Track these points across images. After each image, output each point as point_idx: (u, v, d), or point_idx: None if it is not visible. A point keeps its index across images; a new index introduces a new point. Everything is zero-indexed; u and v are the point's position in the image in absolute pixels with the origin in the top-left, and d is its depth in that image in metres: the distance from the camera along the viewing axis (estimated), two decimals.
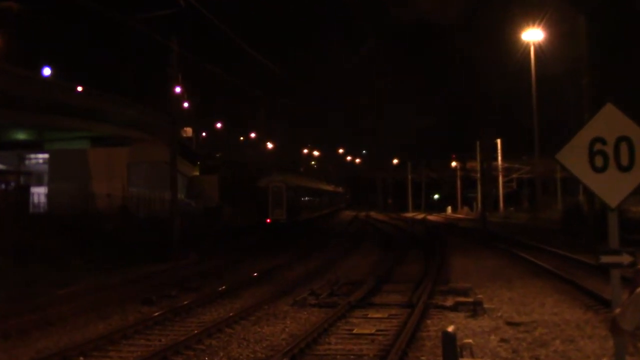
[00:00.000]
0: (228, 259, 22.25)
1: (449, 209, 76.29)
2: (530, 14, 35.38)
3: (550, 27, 35.36)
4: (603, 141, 5.09)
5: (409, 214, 73.12)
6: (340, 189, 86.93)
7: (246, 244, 29.09)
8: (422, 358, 8.40)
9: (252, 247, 28.02)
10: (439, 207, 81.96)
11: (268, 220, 35.13)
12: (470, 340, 7.79)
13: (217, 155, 74.51)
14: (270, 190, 35.84)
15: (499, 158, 62.38)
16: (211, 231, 30.74)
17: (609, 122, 5.11)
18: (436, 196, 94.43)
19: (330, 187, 71.91)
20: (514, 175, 63.75)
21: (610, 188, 5.12)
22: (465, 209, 70.52)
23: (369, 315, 11.26)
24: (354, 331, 10.08)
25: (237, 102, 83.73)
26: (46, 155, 45.22)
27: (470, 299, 11.85)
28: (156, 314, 11.42)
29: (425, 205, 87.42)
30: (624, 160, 5.07)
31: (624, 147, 5.06)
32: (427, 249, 23.80)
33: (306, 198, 43.78)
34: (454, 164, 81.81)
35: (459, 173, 78.39)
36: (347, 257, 22.51)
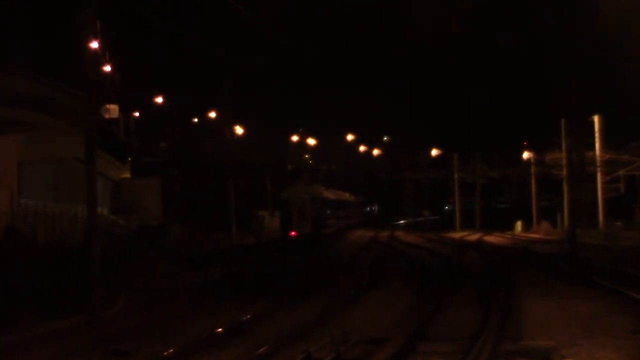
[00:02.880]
0: (178, 306, 22.16)
1: (519, 225, 76.26)
2: None
3: None
4: None
5: (456, 234, 73.02)
6: (353, 197, 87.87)
7: (208, 281, 29.02)
8: None
9: (217, 284, 27.98)
10: (504, 222, 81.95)
11: (293, 234, 50.92)
12: None
13: (159, 147, 74.45)
14: (293, 203, 52.67)
15: (597, 145, 62.20)
16: (151, 263, 30.72)
17: None
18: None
19: (346, 196, 78.63)
20: (621, 172, 63.56)
21: None
22: (544, 224, 70.46)
23: None
24: None
25: (189, 67, 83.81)
26: None
27: None
28: None
29: (481, 221, 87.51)
30: None
31: None
32: (485, 287, 23.82)
33: (328, 211, 59.87)
34: (525, 155, 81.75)
35: (533, 170, 78.29)
36: (362, 300, 22.54)
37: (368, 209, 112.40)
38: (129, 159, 60.66)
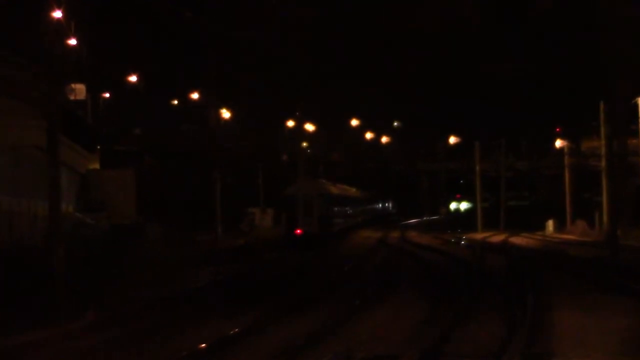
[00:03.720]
0: (156, 318, 22.22)
1: (550, 224, 76.34)
2: None
3: None
4: None
5: (478, 235, 73.15)
6: (360, 193, 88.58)
7: (190, 289, 29.09)
8: None
9: (202, 293, 28.09)
10: (532, 221, 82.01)
11: (298, 232, 55.27)
12: None
13: (133, 133, 74.47)
14: (299, 199, 56.37)
15: None
16: (125, 268, 30.80)
17: None
18: (463, 205, 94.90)
19: (353, 192, 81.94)
20: None
21: None
22: (580, 224, 70.53)
23: None
24: None
25: (166, 41, 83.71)
26: None
27: None
28: None
29: (505, 220, 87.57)
30: None
31: None
32: (509, 297, 23.93)
33: (336, 209, 64.27)
34: (558, 143, 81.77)
35: (567, 160, 78.35)
36: (369, 311, 22.65)
37: (380, 205, 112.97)
38: (98, 147, 60.68)
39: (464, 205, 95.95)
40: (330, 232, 59.36)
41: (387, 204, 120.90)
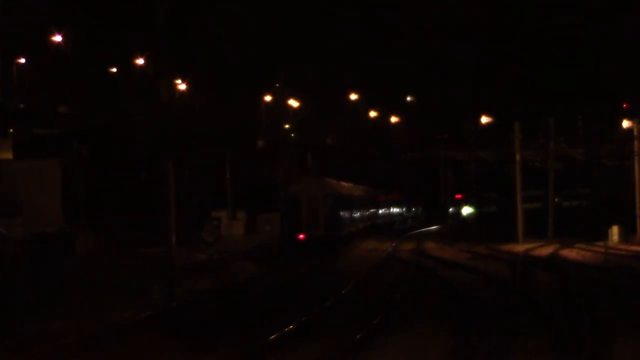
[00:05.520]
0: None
1: (615, 232, 76.42)
2: None
3: None
4: None
5: (519, 246, 73.33)
6: (371, 193, 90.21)
7: (127, 323, 29.03)
8: None
9: (143, 328, 28.05)
10: (592, 229, 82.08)
11: (301, 237, 62.05)
12: None
13: (58, 112, 74.34)
14: (302, 200, 63.07)
15: None
16: (46, 292, 30.74)
17: None
18: (466, 210, 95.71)
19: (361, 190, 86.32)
20: None
21: None
22: None
23: None
24: None
25: None
26: None
27: None
28: None
29: (553, 225, 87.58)
30: None
31: None
32: (562, 330, 24.00)
33: (342, 213, 70.36)
34: (625, 124, 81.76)
35: (637, 146, 78.36)
36: (376, 349, 22.70)
37: (404, 209, 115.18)
38: (10, 130, 60.63)
39: (466, 210, 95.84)
40: (337, 238, 64.75)
41: (412, 208, 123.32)
